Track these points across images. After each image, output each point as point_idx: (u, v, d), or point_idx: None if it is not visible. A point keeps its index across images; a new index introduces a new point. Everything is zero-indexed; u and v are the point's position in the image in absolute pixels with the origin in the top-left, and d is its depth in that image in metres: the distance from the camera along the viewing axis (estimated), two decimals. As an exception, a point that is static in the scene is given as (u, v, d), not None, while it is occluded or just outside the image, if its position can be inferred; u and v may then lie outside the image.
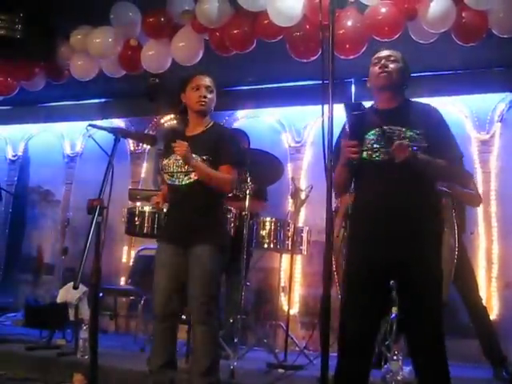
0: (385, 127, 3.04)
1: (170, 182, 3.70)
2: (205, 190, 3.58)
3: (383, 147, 3.02)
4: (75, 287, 2.71)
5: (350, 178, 3.20)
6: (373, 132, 3.07)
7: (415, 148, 2.96)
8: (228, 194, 3.86)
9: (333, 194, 2.48)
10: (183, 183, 3.63)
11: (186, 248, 3.57)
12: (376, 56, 3.21)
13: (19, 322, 6.91)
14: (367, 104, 3.11)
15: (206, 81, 3.69)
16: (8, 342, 5.44)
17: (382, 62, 3.15)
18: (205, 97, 3.65)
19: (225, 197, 3.90)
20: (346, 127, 3.02)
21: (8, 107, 7.58)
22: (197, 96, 3.66)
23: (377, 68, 3.16)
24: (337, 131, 2.51)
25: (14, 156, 8.44)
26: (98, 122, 7.32)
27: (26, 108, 7.73)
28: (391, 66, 3.14)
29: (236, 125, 7.06)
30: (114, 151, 3.26)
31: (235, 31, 5.05)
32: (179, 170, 3.64)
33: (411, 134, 3.01)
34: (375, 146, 3.05)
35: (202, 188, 3.58)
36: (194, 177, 3.60)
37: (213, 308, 3.54)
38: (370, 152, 3.05)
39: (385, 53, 3.20)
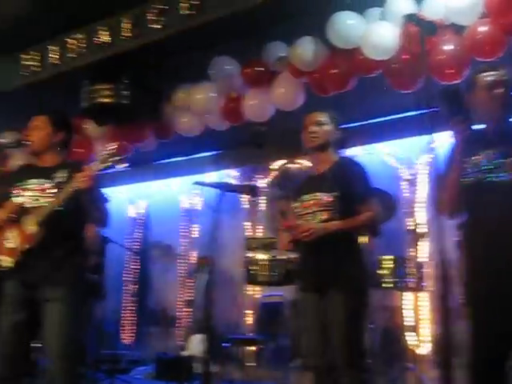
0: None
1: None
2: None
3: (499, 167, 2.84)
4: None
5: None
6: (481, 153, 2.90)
7: None
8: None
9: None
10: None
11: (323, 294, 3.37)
12: None
13: (150, 375, 7.05)
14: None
15: (314, 116, 3.57)
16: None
17: None
18: (313, 132, 3.53)
19: None
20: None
21: (126, 168, 7.79)
22: (306, 134, 3.56)
23: None
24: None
25: (136, 214, 8.76)
26: (211, 174, 7.52)
27: (142, 167, 7.96)
28: None
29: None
30: (219, 205, 3.45)
31: (333, 71, 5.01)
32: (308, 211, 3.45)
33: None
34: (486, 166, 2.88)
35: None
36: (324, 216, 3.39)
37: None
38: (482, 173, 2.87)
39: None
